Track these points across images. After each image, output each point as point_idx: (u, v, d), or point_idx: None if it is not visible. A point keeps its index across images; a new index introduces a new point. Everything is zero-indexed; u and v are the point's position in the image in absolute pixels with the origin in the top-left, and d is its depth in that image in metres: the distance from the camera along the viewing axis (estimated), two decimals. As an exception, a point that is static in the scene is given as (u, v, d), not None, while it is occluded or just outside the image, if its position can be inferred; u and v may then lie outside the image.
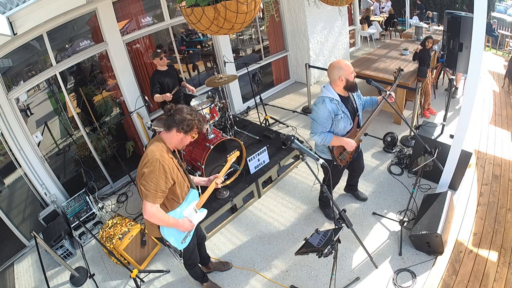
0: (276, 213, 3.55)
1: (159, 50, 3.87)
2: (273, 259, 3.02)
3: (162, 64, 3.90)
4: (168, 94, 3.81)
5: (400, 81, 4.56)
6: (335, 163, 2.68)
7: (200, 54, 5.51)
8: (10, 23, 2.72)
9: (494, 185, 3.46)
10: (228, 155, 2.49)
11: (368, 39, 8.52)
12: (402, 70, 2.84)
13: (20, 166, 3.63)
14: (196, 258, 2.47)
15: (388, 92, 2.59)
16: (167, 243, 2.08)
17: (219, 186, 2.28)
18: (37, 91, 3.80)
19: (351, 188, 3.47)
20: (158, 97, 3.84)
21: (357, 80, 2.62)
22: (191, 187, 2.22)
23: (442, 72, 5.68)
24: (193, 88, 4.27)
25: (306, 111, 5.55)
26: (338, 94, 2.46)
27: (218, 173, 2.31)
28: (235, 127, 4.48)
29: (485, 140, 4.27)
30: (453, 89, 5.13)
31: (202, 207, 2.28)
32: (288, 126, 5.11)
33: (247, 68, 5.02)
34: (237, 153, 2.58)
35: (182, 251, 2.20)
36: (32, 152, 3.62)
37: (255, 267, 2.97)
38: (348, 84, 2.42)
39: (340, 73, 2.38)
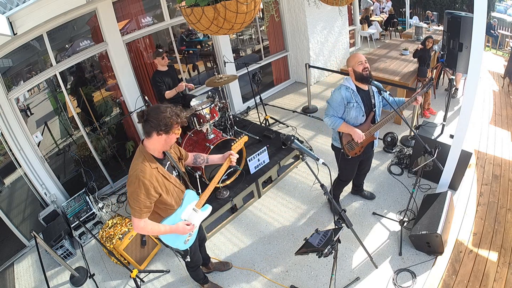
0: (276, 213, 3.55)
1: (161, 50, 3.87)
2: (273, 259, 3.02)
3: (164, 64, 3.89)
4: (182, 83, 3.89)
5: (400, 81, 4.60)
6: (342, 150, 2.74)
7: (200, 54, 5.51)
8: (10, 23, 2.72)
9: (494, 185, 3.46)
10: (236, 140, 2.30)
11: (368, 39, 8.52)
12: (432, 79, 2.93)
13: (20, 166, 3.63)
14: (198, 259, 2.45)
15: (387, 93, 2.59)
16: (168, 246, 2.06)
17: (234, 162, 2.14)
18: (37, 91, 3.80)
19: (357, 189, 3.47)
20: (171, 93, 3.88)
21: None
22: (187, 189, 2.14)
23: (442, 72, 5.68)
24: (192, 85, 4.25)
25: (306, 111, 5.55)
26: (356, 86, 2.58)
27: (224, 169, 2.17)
28: (235, 127, 4.48)
29: (485, 140, 4.27)
30: (453, 89, 5.13)
31: (206, 203, 2.19)
32: (288, 126, 5.11)
33: (247, 68, 5.02)
34: (245, 138, 2.32)
35: (188, 249, 2.15)
36: (32, 152, 3.62)
37: (255, 267, 2.97)
38: (356, 75, 2.54)
39: (348, 64, 2.58)
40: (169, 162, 2.01)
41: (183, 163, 2.23)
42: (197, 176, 3.18)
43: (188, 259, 2.23)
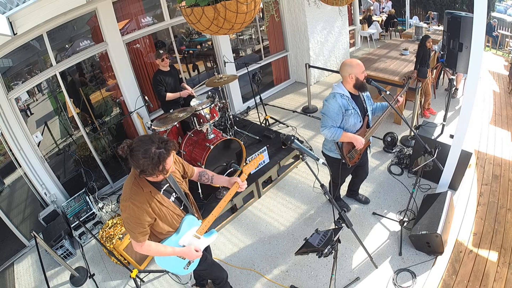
0: (276, 213, 3.55)
1: (161, 52, 3.87)
2: (273, 259, 3.02)
3: (165, 65, 3.90)
4: (186, 91, 4.07)
5: (400, 81, 4.60)
6: (343, 161, 2.69)
7: (200, 54, 5.51)
8: (10, 23, 2.72)
9: (494, 185, 3.46)
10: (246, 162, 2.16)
11: (368, 39, 8.52)
12: (410, 78, 2.92)
13: (20, 166, 3.62)
14: (221, 272, 2.34)
15: (388, 92, 2.60)
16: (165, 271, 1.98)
17: (243, 189, 2.02)
18: (37, 91, 3.80)
19: (352, 193, 3.47)
20: (172, 96, 3.95)
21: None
22: (187, 213, 1.98)
23: (442, 72, 5.68)
24: (191, 91, 4.25)
25: (306, 111, 5.55)
26: (349, 92, 2.52)
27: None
28: (235, 127, 4.48)
29: (485, 140, 4.27)
30: (453, 89, 5.13)
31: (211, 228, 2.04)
32: (288, 126, 5.11)
33: (247, 68, 5.02)
34: (261, 156, 2.20)
35: (199, 272, 2.05)
36: (32, 152, 3.62)
37: (255, 267, 2.97)
38: (357, 83, 2.47)
39: (351, 71, 2.44)
40: (167, 185, 1.84)
41: (187, 182, 2.05)
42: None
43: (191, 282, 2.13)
